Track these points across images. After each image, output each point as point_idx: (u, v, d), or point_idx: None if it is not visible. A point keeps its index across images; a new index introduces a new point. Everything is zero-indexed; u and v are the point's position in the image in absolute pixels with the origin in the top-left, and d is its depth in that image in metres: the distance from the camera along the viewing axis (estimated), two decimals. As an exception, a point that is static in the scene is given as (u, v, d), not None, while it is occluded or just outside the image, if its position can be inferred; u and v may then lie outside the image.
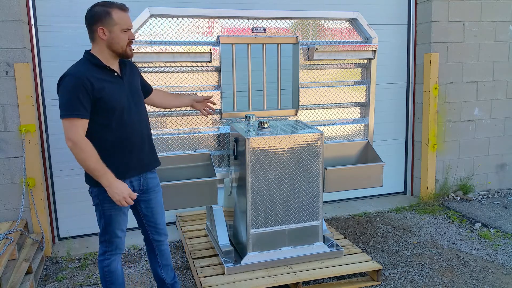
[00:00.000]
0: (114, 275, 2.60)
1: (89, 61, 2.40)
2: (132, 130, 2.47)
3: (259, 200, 3.22)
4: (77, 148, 2.25)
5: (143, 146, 2.55)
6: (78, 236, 4.30)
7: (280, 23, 3.69)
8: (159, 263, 2.82)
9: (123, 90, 2.45)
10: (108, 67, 2.41)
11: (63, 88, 2.32)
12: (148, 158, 2.61)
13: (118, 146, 2.43)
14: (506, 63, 5.37)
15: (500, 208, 4.96)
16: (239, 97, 3.89)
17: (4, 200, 3.79)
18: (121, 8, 2.38)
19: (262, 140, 3.15)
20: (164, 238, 2.80)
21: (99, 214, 2.51)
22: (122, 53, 2.42)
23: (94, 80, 2.31)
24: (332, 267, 3.30)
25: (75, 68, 2.37)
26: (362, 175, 3.71)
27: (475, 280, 3.40)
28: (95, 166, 2.28)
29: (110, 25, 2.35)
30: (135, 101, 2.52)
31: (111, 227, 2.52)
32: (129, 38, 2.42)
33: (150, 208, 2.68)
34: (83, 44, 4.07)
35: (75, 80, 2.28)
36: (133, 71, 2.63)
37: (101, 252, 2.59)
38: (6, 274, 3.08)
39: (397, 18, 5.16)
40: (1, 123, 3.71)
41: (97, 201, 2.47)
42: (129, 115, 2.46)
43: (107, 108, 2.36)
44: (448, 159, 5.30)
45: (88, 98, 2.29)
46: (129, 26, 2.41)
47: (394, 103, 5.30)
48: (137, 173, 2.55)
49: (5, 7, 3.62)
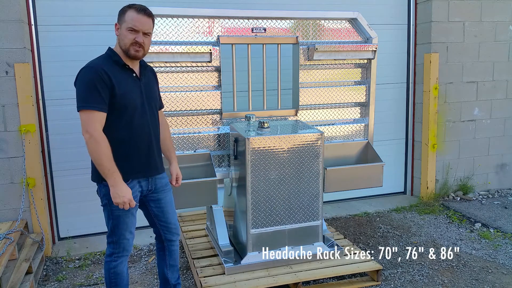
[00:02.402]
0: (120, 277, 2.60)
1: (110, 57, 2.43)
2: (142, 131, 2.47)
3: (259, 200, 3.22)
4: (94, 141, 2.25)
5: (152, 149, 2.55)
6: (78, 236, 4.30)
7: (280, 23, 3.69)
8: (167, 263, 2.83)
9: (138, 91, 2.46)
10: (128, 66, 2.43)
11: (81, 79, 2.31)
12: (156, 162, 2.60)
13: (126, 145, 2.43)
14: (506, 63, 5.37)
15: (500, 208, 4.96)
16: (239, 97, 3.89)
17: (4, 200, 3.79)
18: (137, 10, 2.39)
19: (262, 140, 3.15)
20: (176, 238, 2.81)
21: (107, 214, 2.50)
22: (125, 51, 2.42)
23: (111, 75, 2.32)
24: (332, 267, 3.30)
25: (95, 61, 2.40)
26: (362, 175, 3.71)
27: (475, 280, 3.40)
28: (107, 163, 2.28)
29: (121, 22, 2.41)
30: (150, 104, 2.53)
31: (119, 228, 2.49)
32: (136, 39, 2.40)
33: (161, 207, 2.69)
34: (83, 44, 4.10)
35: (94, 72, 2.29)
36: (153, 77, 2.66)
37: (108, 253, 2.58)
38: (6, 274, 3.08)
39: (397, 18, 5.16)
40: (1, 123, 3.71)
41: (105, 201, 2.46)
42: (141, 116, 2.46)
43: (121, 105, 2.36)
44: (448, 159, 5.30)
45: (107, 91, 2.29)
46: (136, 27, 2.38)
47: (394, 103, 5.31)
48: (145, 175, 2.54)
49: (5, 7, 3.62)
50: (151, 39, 2.53)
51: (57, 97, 4.08)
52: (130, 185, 2.46)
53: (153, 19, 2.47)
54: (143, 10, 2.40)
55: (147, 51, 2.48)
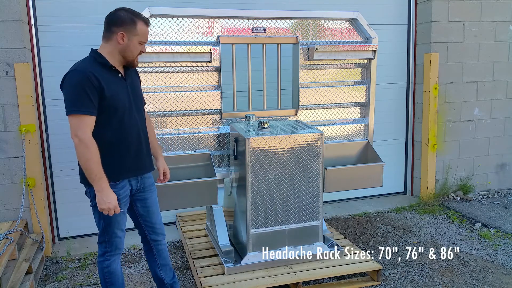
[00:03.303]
0: (114, 275, 2.61)
1: (95, 59, 2.41)
2: (131, 131, 2.49)
3: (259, 200, 3.22)
4: (83, 145, 2.25)
5: (141, 148, 2.57)
6: (78, 236, 4.30)
7: (280, 23, 3.69)
8: (158, 263, 2.83)
9: (126, 91, 2.48)
10: (114, 67, 2.44)
11: (69, 83, 2.30)
12: (145, 161, 2.63)
13: (117, 146, 2.44)
14: (506, 63, 5.38)
15: (500, 208, 4.96)
16: (239, 97, 3.89)
17: (4, 200, 3.79)
18: (145, 22, 2.47)
19: (262, 140, 3.15)
20: (161, 237, 2.81)
21: (98, 215, 2.51)
22: (131, 62, 2.49)
23: (100, 77, 2.32)
24: (332, 267, 3.31)
25: (81, 64, 2.38)
26: (362, 175, 3.71)
27: (475, 280, 3.40)
28: (95, 167, 2.28)
29: (131, 34, 2.41)
30: (136, 103, 2.56)
31: (111, 227, 2.51)
32: (141, 51, 2.49)
33: (146, 207, 2.70)
34: (83, 44, 4.10)
35: (82, 75, 2.27)
36: (136, 76, 2.68)
37: (101, 253, 2.59)
38: (6, 274, 3.08)
39: (397, 18, 5.16)
40: (1, 123, 3.71)
41: (95, 202, 2.46)
42: (130, 116, 2.48)
43: (110, 107, 2.37)
44: (448, 159, 5.30)
45: (96, 94, 2.30)
46: (146, 40, 2.49)
47: (394, 103, 5.30)
48: (135, 174, 2.57)
49: (5, 7, 3.62)
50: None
51: (57, 97, 4.08)
52: (121, 184, 2.48)
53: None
54: (148, 22, 2.50)
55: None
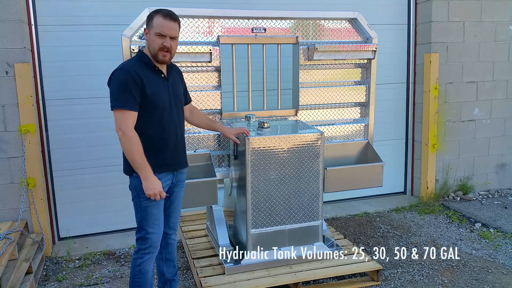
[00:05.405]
0: (144, 277, 2.63)
1: (140, 58, 2.56)
2: (170, 129, 2.60)
3: (259, 200, 3.22)
4: (126, 138, 2.39)
5: (178, 145, 2.67)
6: (78, 236, 4.30)
7: (280, 23, 3.69)
8: (163, 256, 2.88)
9: (167, 91, 2.59)
10: (157, 67, 2.55)
11: (114, 80, 2.45)
12: (182, 157, 2.73)
13: (156, 141, 2.55)
14: (506, 63, 5.37)
15: (500, 208, 4.96)
16: (239, 97, 3.89)
17: (4, 200, 3.79)
18: (163, 15, 2.50)
19: (262, 140, 3.15)
20: (172, 232, 2.87)
21: (136, 207, 2.59)
22: (154, 56, 2.53)
23: (143, 76, 2.45)
24: (332, 267, 3.30)
25: (127, 63, 2.55)
26: (362, 175, 3.71)
27: (475, 280, 3.40)
28: (138, 158, 2.41)
29: (149, 28, 2.53)
30: (176, 103, 2.66)
31: (146, 220, 2.57)
32: (164, 44, 2.49)
33: (171, 200, 2.79)
34: (83, 44, 4.10)
35: (126, 74, 2.43)
36: (179, 76, 2.78)
37: (136, 250, 2.64)
38: (6, 274, 3.08)
39: (397, 18, 5.16)
40: (1, 123, 3.71)
41: (135, 193, 2.56)
42: (169, 115, 2.59)
43: (151, 104, 2.49)
44: (448, 159, 5.30)
45: (138, 92, 2.43)
46: (163, 32, 2.49)
47: (394, 103, 5.30)
48: (173, 168, 2.67)
49: (5, 7, 3.62)
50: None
51: (57, 97, 4.08)
52: (160, 177, 2.56)
53: (179, 23, 2.57)
54: (169, 15, 2.50)
55: (174, 55, 2.60)
